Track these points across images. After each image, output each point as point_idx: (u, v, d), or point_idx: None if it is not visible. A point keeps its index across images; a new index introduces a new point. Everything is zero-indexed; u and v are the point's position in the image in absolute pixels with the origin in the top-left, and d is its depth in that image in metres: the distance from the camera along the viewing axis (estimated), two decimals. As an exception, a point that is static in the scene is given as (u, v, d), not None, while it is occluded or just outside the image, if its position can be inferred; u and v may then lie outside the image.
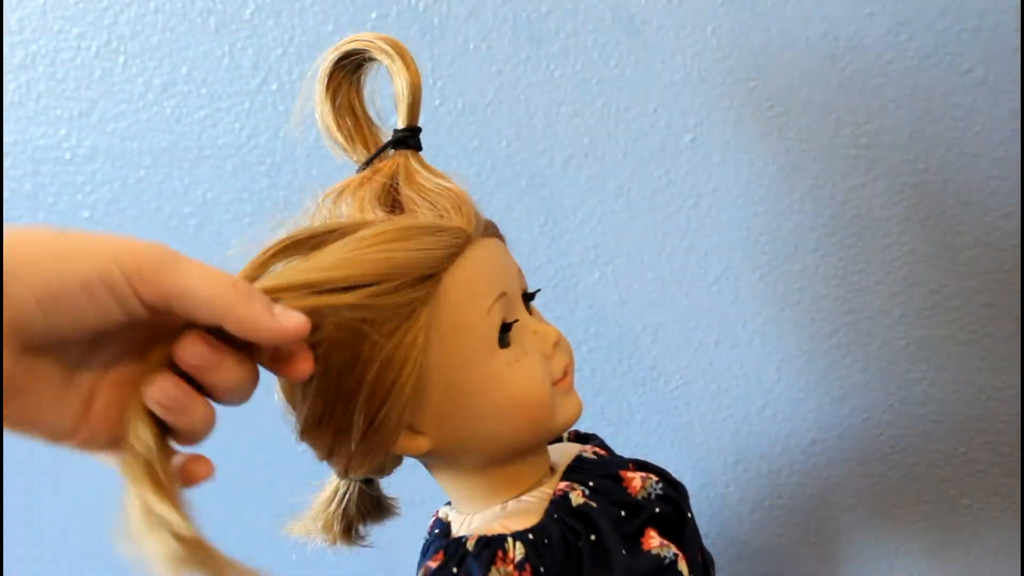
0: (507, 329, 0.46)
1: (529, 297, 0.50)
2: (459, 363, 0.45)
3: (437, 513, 0.54)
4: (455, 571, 0.45)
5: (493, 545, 0.45)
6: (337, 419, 0.44)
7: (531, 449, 0.50)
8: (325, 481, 0.52)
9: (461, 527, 0.50)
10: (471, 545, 0.46)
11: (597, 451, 0.55)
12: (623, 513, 0.48)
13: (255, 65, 0.74)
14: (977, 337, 0.71)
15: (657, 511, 0.50)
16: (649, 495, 0.51)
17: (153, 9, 0.74)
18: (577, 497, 0.48)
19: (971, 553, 0.77)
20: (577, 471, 0.51)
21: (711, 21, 0.67)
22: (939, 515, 0.76)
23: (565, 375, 0.50)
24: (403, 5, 0.70)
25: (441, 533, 0.51)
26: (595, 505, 0.48)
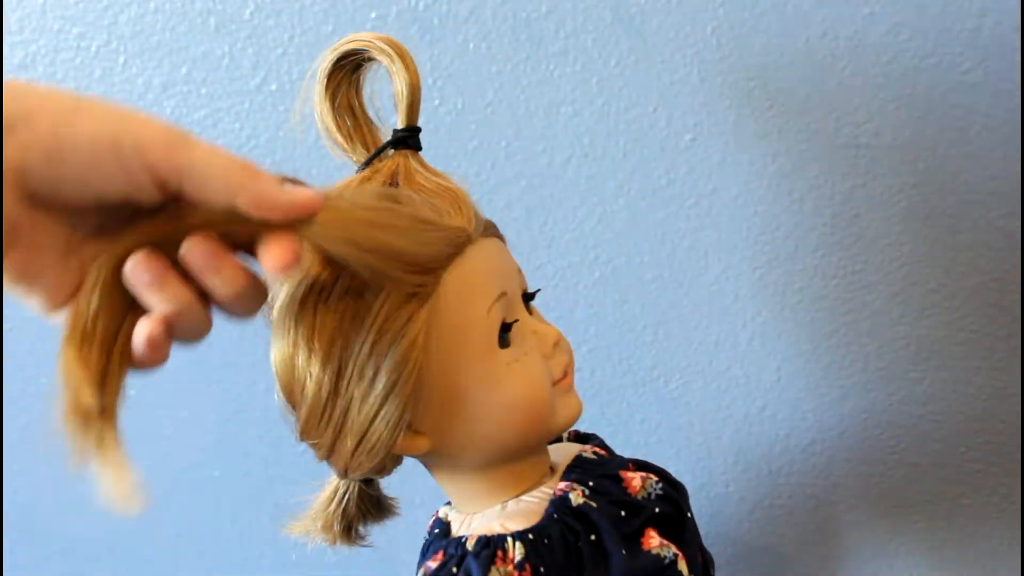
0: (507, 329, 0.46)
1: (529, 297, 0.50)
2: (459, 363, 0.45)
3: (437, 513, 0.54)
4: (455, 571, 0.45)
5: (493, 545, 0.45)
6: (337, 419, 0.44)
7: (531, 449, 0.50)
8: (325, 481, 0.52)
9: (461, 527, 0.50)
10: (471, 545, 0.46)
11: (597, 451, 0.55)
12: (623, 513, 0.48)
13: (255, 65, 0.74)
14: (977, 337, 0.71)
15: (657, 511, 0.50)
16: (649, 495, 0.51)
17: (153, 9, 0.74)
18: (577, 497, 0.48)
19: (971, 553, 0.77)
20: (577, 471, 0.51)
21: (711, 21, 0.67)
22: (939, 515, 0.76)
23: (565, 375, 0.50)
24: (403, 5, 0.70)
25: (441, 533, 0.51)
26: (595, 505, 0.48)
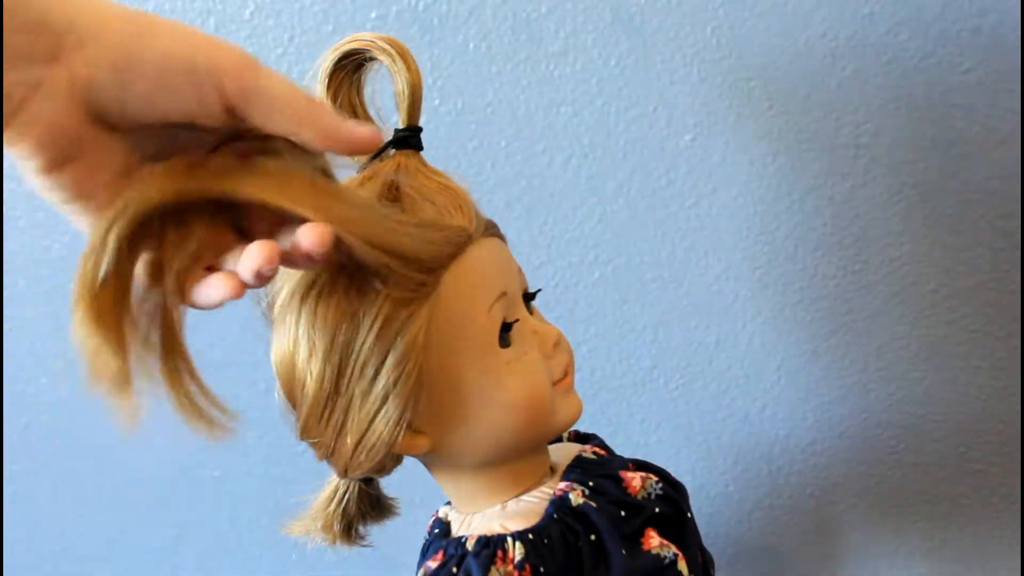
0: (507, 329, 0.46)
1: (529, 297, 0.50)
2: (459, 362, 0.45)
3: (437, 513, 0.54)
4: (455, 571, 0.45)
5: (493, 545, 0.45)
6: (337, 417, 0.44)
7: (531, 449, 0.50)
8: (325, 481, 0.52)
9: (461, 527, 0.50)
10: (471, 545, 0.46)
11: (597, 451, 0.55)
12: (623, 513, 0.48)
13: (255, 65, 0.74)
14: (977, 337, 0.71)
15: (657, 511, 0.50)
16: (649, 495, 0.51)
17: (152, 9, 0.74)
18: (577, 497, 0.48)
19: (971, 553, 0.77)
20: (577, 471, 0.51)
21: (711, 21, 0.67)
22: (939, 515, 0.76)
23: (565, 375, 0.50)
24: (403, 5, 0.70)
25: (441, 533, 0.51)
26: (595, 505, 0.48)
